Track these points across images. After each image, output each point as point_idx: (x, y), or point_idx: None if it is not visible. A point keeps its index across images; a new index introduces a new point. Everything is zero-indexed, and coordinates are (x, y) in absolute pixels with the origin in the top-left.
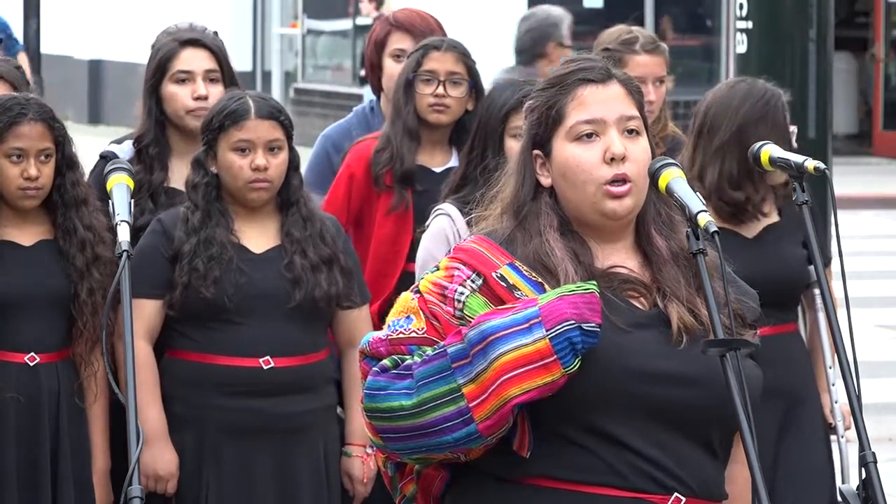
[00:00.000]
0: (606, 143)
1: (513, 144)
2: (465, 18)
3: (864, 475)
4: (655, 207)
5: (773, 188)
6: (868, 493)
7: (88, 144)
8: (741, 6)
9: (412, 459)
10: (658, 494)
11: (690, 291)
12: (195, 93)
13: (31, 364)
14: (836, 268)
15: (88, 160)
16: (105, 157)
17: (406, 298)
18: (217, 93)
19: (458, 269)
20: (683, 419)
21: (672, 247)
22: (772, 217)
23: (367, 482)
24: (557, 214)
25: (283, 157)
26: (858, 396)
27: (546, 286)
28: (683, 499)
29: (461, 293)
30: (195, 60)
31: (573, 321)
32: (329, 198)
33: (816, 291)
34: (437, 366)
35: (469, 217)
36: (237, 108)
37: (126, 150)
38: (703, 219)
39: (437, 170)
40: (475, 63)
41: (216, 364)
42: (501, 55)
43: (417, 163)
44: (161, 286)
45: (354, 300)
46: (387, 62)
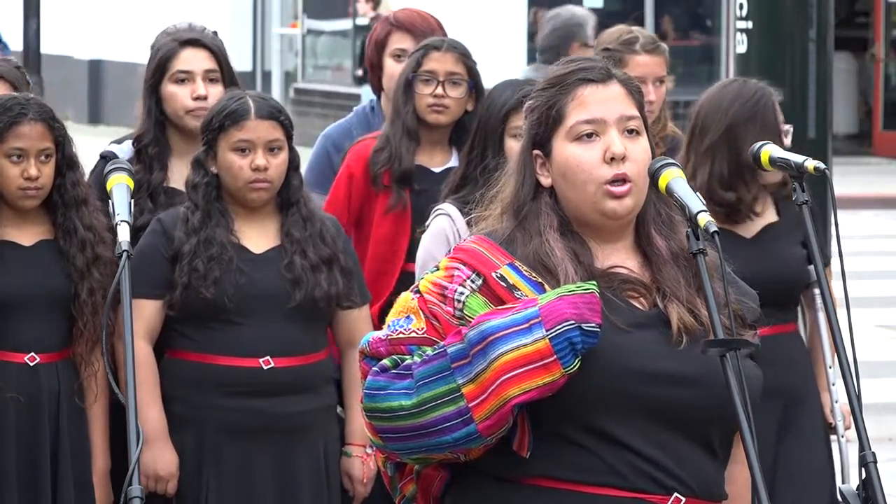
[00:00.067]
0: (606, 143)
1: (513, 144)
2: (466, 18)
3: (864, 475)
4: (655, 207)
5: (766, 187)
6: (868, 493)
7: (88, 144)
8: (741, 6)
9: (412, 459)
10: (658, 494)
11: (690, 292)
12: (195, 93)
13: (32, 364)
14: (836, 268)
15: (88, 160)
16: (105, 157)
17: (406, 298)
18: (217, 93)
19: (458, 269)
20: (683, 419)
21: (672, 247)
22: (770, 217)
23: (367, 482)
24: (557, 214)
25: (283, 158)
26: (858, 396)
27: (546, 286)
28: (683, 499)
29: (461, 293)
30: (195, 60)
31: (573, 321)
32: (330, 198)
33: (816, 291)
34: (437, 366)
35: (469, 217)
36: (237, 108)
37: (126, 150)
38: (703, 219)
39: (437, 170)
40: (476, 64)
41: (216, 364)
42: (502, 55)
43: (417, 163)
44: (161, 286)
45: (354, 300)
46: (387, 62)
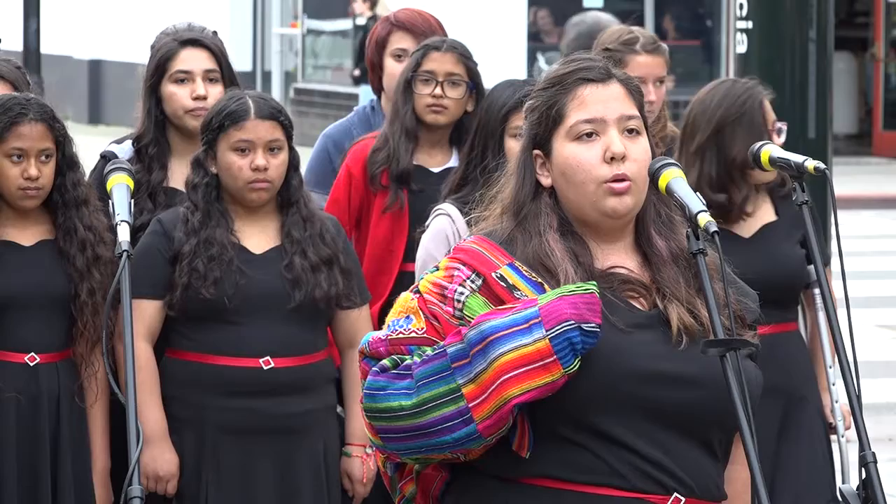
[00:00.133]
0: (606, 143)
1: (513, 144)
2: (466, 18)
3: (864, 475)
4: (655, 208)
5: (757, 187)
6: (868, 493)
7: (88, 144)
8: (741, 6)
9: (412, 459)
10: (658, 495)
11: (690, 292)
12: (194, 93)
13: (32, 364)
14: (836, 268)
15: (88, 160)
16: (105, 157)
17: (406, 298)
18: (216, 93)
19: (458, 270)
20: (683, 420)
21: (672, 247)
22: (768, 216)
23: (367, 482)
24: (557, 214)
25: (283, 158)
26: (858, 396)
27: (546, 286)
28: (683, 499)
29: (461, 293)
30: (194, 60)
31: (573, 321)
32: (331, 199)
33: (816, 291)
34: (437, 366)
35: (469, 217)
36: (237, 109)
37: (126, 150)
38: (703, 219)
39: (436, 170)
40: (476, 64)
41: (216, 364)
42: (502, 55)
43: (416, 163)
44: (161, 286)
45: (354, 300)
46: (388, 62)
